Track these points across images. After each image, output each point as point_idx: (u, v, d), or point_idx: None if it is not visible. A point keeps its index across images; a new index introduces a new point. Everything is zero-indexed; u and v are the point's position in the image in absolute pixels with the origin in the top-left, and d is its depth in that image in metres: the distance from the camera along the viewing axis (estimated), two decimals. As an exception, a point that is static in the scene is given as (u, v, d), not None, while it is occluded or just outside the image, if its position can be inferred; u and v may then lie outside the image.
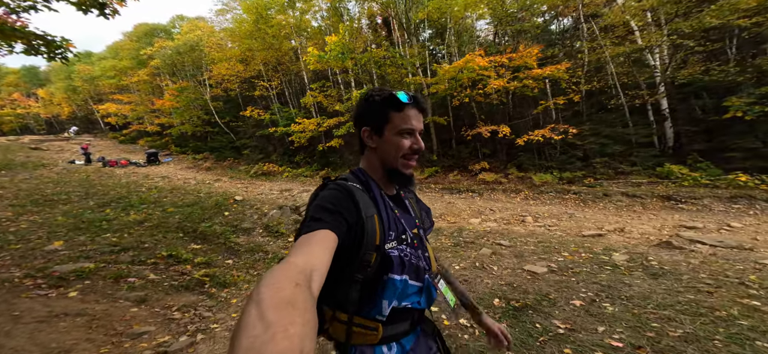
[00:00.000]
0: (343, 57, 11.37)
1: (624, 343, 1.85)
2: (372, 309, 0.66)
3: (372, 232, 0.64)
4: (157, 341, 2.21)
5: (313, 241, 0.52)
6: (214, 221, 5.63)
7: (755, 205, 6.31)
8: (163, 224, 4.94)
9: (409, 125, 0.70)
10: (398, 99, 0.69)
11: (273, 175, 14.79)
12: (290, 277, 0.36)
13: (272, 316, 0.28)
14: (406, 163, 0.73)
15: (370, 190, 0.71)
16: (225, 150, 18.23)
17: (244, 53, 15.06)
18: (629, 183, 8.33)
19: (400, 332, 0.71)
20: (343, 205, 0.62)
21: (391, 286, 0.66)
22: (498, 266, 3.51)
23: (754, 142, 7.18)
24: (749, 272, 2.87)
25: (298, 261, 0.45)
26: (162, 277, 3.44)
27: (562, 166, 9.69)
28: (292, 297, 0.32)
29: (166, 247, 4.14)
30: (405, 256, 0.68)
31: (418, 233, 0.76)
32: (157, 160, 16.75)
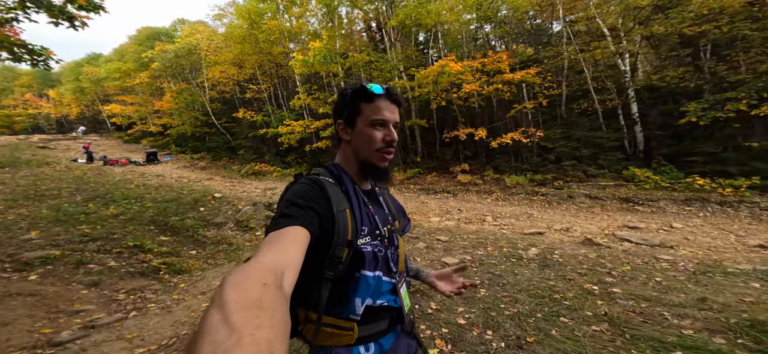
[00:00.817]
0: (329, 61, 11.80)
1: (466, 321, 2.20)
2: (345, 308, 0.64)
3: (344, 227, 0.62)
4: (91, 318, 2.63)
5: (284, 238, 0.50)
6: (187, 216, 6.10)
7: (707, 207, 6.50)
8: (137, 218, 5.42)
9: (380, 115, 0.68)
10: (368, 90, 0.68)
11: (264, 175, 15.33)
12: (258, 277, 0.34)
13: (237, 320, 0.27)
14: (381, 155, 0.70)
15: (343, 183, 0.69)
16: (221, 150, 18.89)
17: (238, 57, 15.66)
18: (595, 185, 8.54)
19: (378, 332, 0.68)
20: (314, 199, 0.61)
21: (363, 283, 0.64)
22: (421, 257, 3.86)
23: (714, 147, 7.33)
24: (627, 264, 3.16)
25: (267, 259, 0.43)
26: (121, 264, 3.89)
27: (535, 169, 9.94)
28: (259, 298, 0.31)
29: (133, 238, 4.60)
30: (378, 252, 0.67)
31: (390, 230, 0.74)
32: (156, 160, 17.47)
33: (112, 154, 19.08)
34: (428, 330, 2.10)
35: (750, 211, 6.07)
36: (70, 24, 4.24)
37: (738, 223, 5.75)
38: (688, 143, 7.92)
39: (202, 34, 18.59)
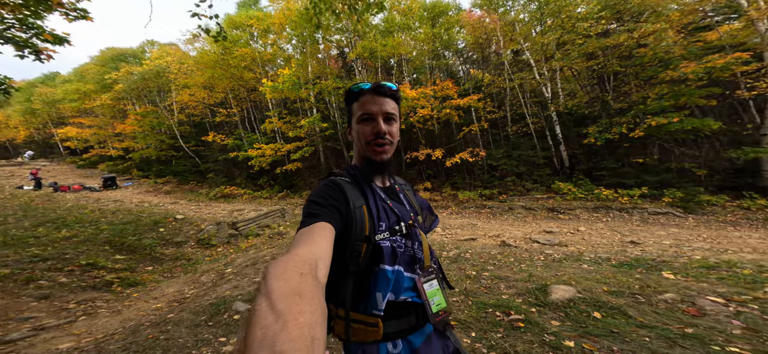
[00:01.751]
0: (298, 87, 12.62)
1: None
2: (368, 304, 0.65)
3: (360, 222, 0.64)
4: (41, 323, 2.93)
5: (313, 233, 0.53)
6: (145, 236, 6.25)
7: (609, 213, 7.90)
8: (92, 239, 5.53)
9: (365, 110, 0.70)
10: (352, 89, 0.71)
11: (234, 197, 15.26)
12: (295, 268, 0.37)
13: (282, 306, 0.29)
14: (374, 149, 0.71)
15: (359, 182, 0.72)
16: (188, 174, 18.49)
17: (208, 81, 16.02)
18: (531, 198, 9.84)
19: (405, 329, 0.67)
20: (334, 197, 0.64)
21: (383, 277, 0.64)
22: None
23: (615, 163, 8.98)
24: (513, 258, 4.06)
25: (301, 251, 0.46)
26: (73, 280, 4.09)
27: (485, 185, 11.17)
28: (298, 286, 0.33)
29: (86, 257, 4.76)
30: (398, 247, 0.67)
31: (413, 225, 0.74)
32: (114, 185, 16.68)
33: (64, 180, 17.89)
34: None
35: (640, 216, 7.51)
36: (36, 57, 4.63)
37: (629, 226, 7.10)
38: (598, 160, 9.57)
39: (172, 56, 18.73)
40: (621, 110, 8.69)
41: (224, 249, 6.31)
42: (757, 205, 6.98)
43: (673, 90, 7.49)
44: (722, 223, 6.62)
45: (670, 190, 7.71)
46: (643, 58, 8.22)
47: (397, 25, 12.29)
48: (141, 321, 2.81)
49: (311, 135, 14.47)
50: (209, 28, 3.75)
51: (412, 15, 12.70)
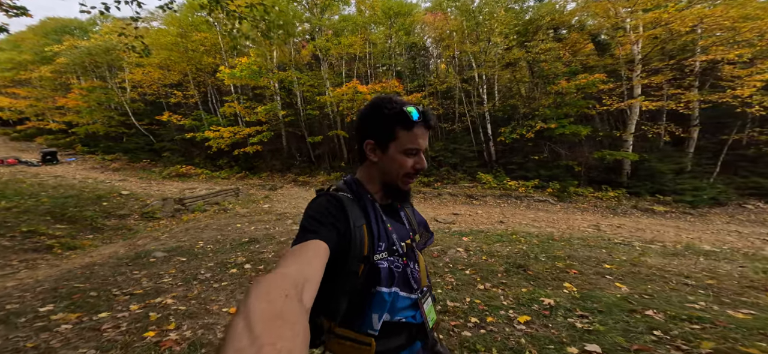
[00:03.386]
0: (258, 75, 12.97)
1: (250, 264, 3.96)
2: (362, 323, 0.64)
3: (360, 242, 0.63)
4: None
5: (305, 251, 0.53)
6: (87, 209, 6.75)
7: (508, 200, 9.76)
8: (32, 210, 6.00)
9: (415, 145, 0.67)
10: (408, 116, 0.65)
11: (189, 177, 15.38)
12: (281, 288, 0.36)
13: (260, 329, 0.28)
14: (408, 180, 0.70)
15: (361, 199, 0.69)
16: (141, 152, 17.97)
17: (164, 61, 15.58)
18: (459, 186, 11.52)
19: (395, 347, 0.68)
20: (334, 215, 0.62)
21: (379, 299, 0.64)
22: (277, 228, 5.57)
23: (521, 159, 10.87)
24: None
25: (290, 271, 0.45)
26: (15, 244, 4.71)
27: (426, 173, 12.67)
28: (281, 309, 0.32)
29: (27, 225, 5.31)
30: (395, 268, 0.67)
31: (411, 244, 0.73)
32: (55, 160, 15.86)
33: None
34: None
35: (527, 202, 9.42)
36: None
37: (517, 210, 8.93)
38: (512, 156, 11.44)
39: (126, 33, 17.67)
40: (526, 115, 10.52)
41: (167, 222, 7.02)
42: (607, 196, 9.16)
43: (557, 101, 9.32)
44: (576, 209, 8.67)
45: (553, 183, 9.69)
46: (542, 72, 10.00)
47: (355, 24, 13.04)
48: (74, 268, 3.66)
49: (272, 120, 14.93)
50: (134, 46, 4.40)
51: (375, 12, 13.48)
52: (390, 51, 13.91)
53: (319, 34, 14.05)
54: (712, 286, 2.48)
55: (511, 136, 10.43)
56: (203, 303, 2.34)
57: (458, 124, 13.70)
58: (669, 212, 8.42)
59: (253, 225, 5.68)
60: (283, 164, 16.00)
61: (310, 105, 14.20)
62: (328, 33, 13.03)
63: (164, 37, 15.21)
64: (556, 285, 2.55)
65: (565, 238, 4.57)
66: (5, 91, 21.50)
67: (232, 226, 5.56)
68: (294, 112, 14.69)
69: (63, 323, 2.06)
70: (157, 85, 17.21)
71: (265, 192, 11.64)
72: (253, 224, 5.75)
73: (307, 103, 14.72)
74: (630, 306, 2.11)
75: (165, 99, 17.71)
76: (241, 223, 5.83)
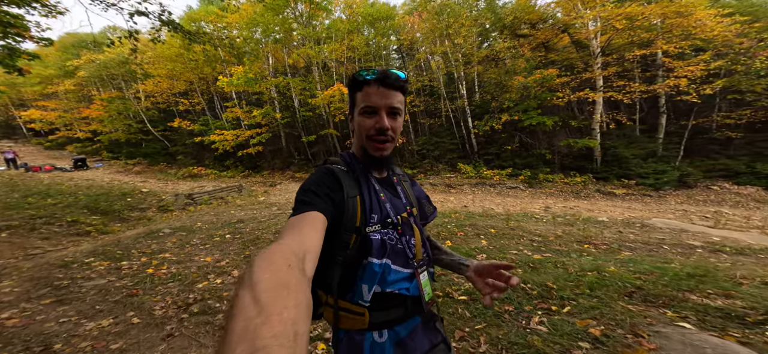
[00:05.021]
0: (253, 82, 14.22)
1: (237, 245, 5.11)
2: (353, 293, 0.65)
3: (352, 213, 0.63)
4: (45, 250, 4.99)
5: (304, 223, 0.53)
6: (115, 203, 8.17)
7: (483, 188, 10.57)
8: (73, 205, 7.45)
9: (369, 102, 0.65)
10: (356, 78, 0.66)
11: (201, 177, 17.00)
12: (283, 259, 0.36)
13: (266, 299, 0.29)
14: (374, 144, 0.68)
15: (355, 171, 0.70)
16: (158, 156, 19.79)
17: (171, 72, 17.13)
18: (440, 177, 12.40)
19: (392, 319, 0.68)
20: (328, 186, 0.63)
21: (369, 270, 0.64)
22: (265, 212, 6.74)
23: (497, 149, 11.60)
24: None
25: (291, 242, 0.45)
26: (63, 230, 6.10)
27: (412, 165, 13.61)
28: (285, 279, 0.33)
29: (71, 216, 6.73)
30: (388, 240, 0.66)
31: (406, 218, 0.72)
32: (84, 166, 17.82)
33: (33, 160, 18.72)
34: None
35: (500, 189, 10.21)
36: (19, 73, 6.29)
37: (488, 196, 9.76)
38: (489, 147, 12.18)
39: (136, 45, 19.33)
40: (495, 108, 11.26)
41: (179, 213, 8.36)
42: (575, 181, 9.82)
43: (522, 94, 10.00)
44: (543, 194, 9.41)
45: (525, 171, 10.42)
46: (505, 68, 10.67)
47: (339, 31, 14.00)
48: (106, 242, 4.94)
49: (271, 122, 16.21)
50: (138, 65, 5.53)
51: (356, 18, 14.39)
52: (374, 54, 14.81)
53: (308, 42, 15.11)
54: (546, 240, 3.40)
55: (483, 129, 11.19)
56: (188, 256, 3.49)
57: (438, 119, 14.51)
58: (628, 194, 9.03)
59: (244, 212, 6.89)
60: (283, 163, 17.34)
61: (304, 107, 15.34)
62: (309, 42, 14.07)
63: (169, 50, 16.70)
64: (442, 240, 3.53)
65: (492, 214, 5.48)
66: (36, 105, 23.90)
67: (227, 213, 6.79)
68: (290, 114, 15.90)
69: (98, 266, 3.25)
70: (166, 94, 18.86)
71: (265, 188, 12.96)
72: (245, 211, 6.96)
73: (302, 105, 15.89)
74: (472, 250, 3.08)
75: (175, 107, 19.38)
76: (235, 211, 7.06)
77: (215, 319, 2.05)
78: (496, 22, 10.67)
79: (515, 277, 0.70)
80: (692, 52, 8.42)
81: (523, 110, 10.30)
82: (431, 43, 12.96)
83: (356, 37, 14.13)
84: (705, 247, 3.23)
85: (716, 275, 2.22)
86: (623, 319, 1.73)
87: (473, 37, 11.19)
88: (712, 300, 1.90)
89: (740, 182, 9.18)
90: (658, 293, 2.00)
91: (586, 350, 1.51)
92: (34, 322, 2.16)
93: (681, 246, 3.27)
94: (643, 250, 3.15)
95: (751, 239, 3.70)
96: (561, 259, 2.81)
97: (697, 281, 2.15)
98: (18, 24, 6.10)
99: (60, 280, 2.91)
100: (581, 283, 2.24)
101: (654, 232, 3.94)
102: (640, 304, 1.92)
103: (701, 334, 1.53)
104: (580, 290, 2.12)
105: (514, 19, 10.12)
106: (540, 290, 2.15)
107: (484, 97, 12.54)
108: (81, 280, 2.91)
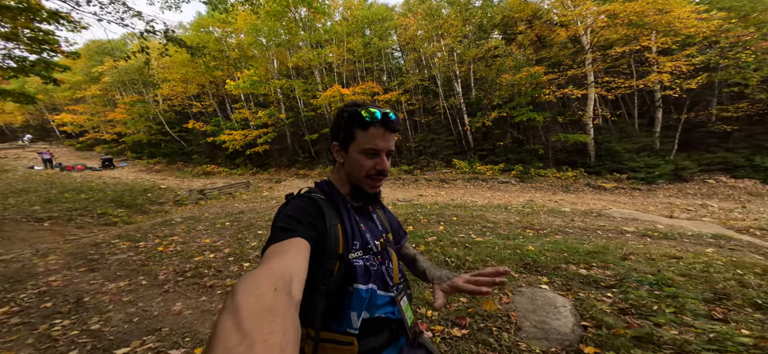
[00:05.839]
0: (258, 85, 15.08)
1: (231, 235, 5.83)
2: (341, 323, 0.64)
3: (334, 241, 0.63)
4: (79, 236, 5.90)
5: (288, 248, 0.52)
6: (138, 198, 9.18)
7: (475, 183, 10.89)
8: (102, 199, 8.48)
9: (372, 145, 0.67)
10: (362, 117, 0.66)
11: (213, 174, 18.19)
12: (268, 283, 0.35)
13: (250, 326, 0.27)
14: (371, 183, 0.71)
15: (334, 200, 0.71)
16: (176, 155, 21.23)
17: (184, 76, 18.32)
18: (437, 173, 12.79)
19: (379, 345, 0.69)
20: (311, 214, 0.63)
21: (356, 297, 0.64)
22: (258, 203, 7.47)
23: (490, 145, 11.84)
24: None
25: (276, 266, 0.44)
26: (94, 221, 7.07)
27: (409, 162, 14.08)
28: (271, 304, 0.31)
29: (101, 209, 7.72)
30: (371, 266, 0.68)
31: (384, 244, 0.74)
32: (111, 165, 19.44)
33: (66, 161, 20.58)
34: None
35: (491, 184, 10.50)
36: (54, 84, 7.27)
37: (479, 190, 10.10)
38: (485, 143, 12.43)
39: (151, 51, 20.78)
40: (486, 106, 11.49)
41: (191, 206, 9.28)
42: (566, 176, 9.98)
43: (512, 92, 10.20)
44: (532, 188, 9.65)
45: (517, 166, 10.66)
46: (495, 67, 10.86)
47: (337, 34, 14.57)
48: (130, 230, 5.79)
49: (277, 122, 17.08)
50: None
51: (355, 20, 14.90)
52: (371, 55, 15.28)
53: (306, 46, 15.79)
54: (496, 226, 3.85)
55: (475, 125, 11.47)
56: (192, 239, 4.20)
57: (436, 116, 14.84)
58: (618, 188, 9.13)
59: (247, 205, 7.65)
60: (289, 160, 18.23)
61: (307, 107, 16.08)
62: (307, 46, 14.72)
63: (180, 56, 17.84)
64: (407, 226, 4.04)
65: (467, 206, 5.92)
66: (67, 109, 26.04)
67: (231, 206, 7.57)
68: (294, 114, 16.69)
69: (121, 245, 4.02)
70: (181, 97, 20.15)
71: (271, 184, 13.83)
72: (247, 204, 7.72)
73: (305, 105, 16.64)
74: (427, 233, 3.59)
75: (189, 109, 20.68)
76: (239, 204, 7.84)
77: (202, 281, 2.71)
78: (488, 21, 10.87)
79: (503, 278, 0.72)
80: (679, 47, 8.37)
81: (514, 107, 10.51)
82: (425, 42, 13.29)
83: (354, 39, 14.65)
84: (636, 232, 3.59)
85: (608, 253, 2.64)
86: (506, 282, 2.22)
87: (462, 37, 11.45)
88: (586, 270, 2.35)
89: (738, 175, 9.07)
90: (547, 265, 2.46)
91: (462, 302, 2.02)
92: (71, 283, 2.88)
93: (614, 231, 3.64)
94: (576, 234, 3.56)
95: (693, 227, 4.01)
96: (498, 241, 3.28)
97: (590, 257, 2.58)
98: (50, 40, 7.07)
99: (92, 255, 3.67)
100: (495, 257, 2.72)
101: (603, 220, 4.29)
102: (527, 273, 2.39)
103: (547, 293, 2.01)
104: (489, 262, 2.61)
105: (504, 17, 10.27)
106: (457, 262, 2.66)
107: (479, 94, 12.78)
108: (108, 255, 3.66)
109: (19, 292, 2.64)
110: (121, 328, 2.01)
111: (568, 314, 1.70)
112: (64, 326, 2.05)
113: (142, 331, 1.97)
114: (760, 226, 4.36)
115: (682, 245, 3.13)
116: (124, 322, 2.09)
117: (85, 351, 1.78)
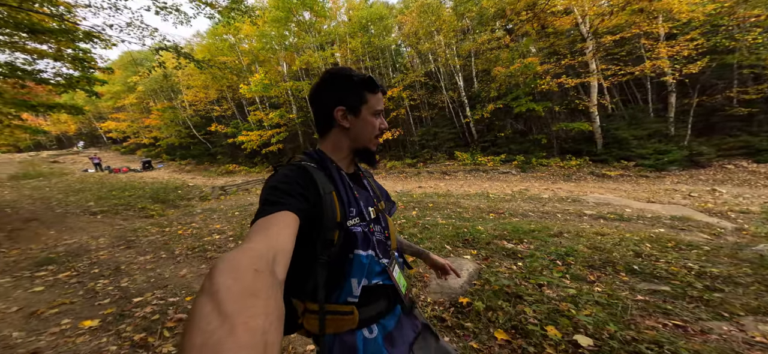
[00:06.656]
0: (269, 88, 16.12)
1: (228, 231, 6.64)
2: (342, 292, 0.63)
3: (331, 209, 0.61)
4: (123, 226, 7.05)
5: (273, 224, 0.49)
6: (170, 194, 10.49)
7: (476, 174, 11.00)
8: (142, 196, 9.84)
9: (381, 106, 0.72)
10: (374, 81, 0.70)
11: (234, 173, 19.76)
12: (249, 263, 0.33)
13: (230, 308, 0.26)
14: (377, 141, 0.75)
15: (327, 168, 0.69)
16: (203, 156, 23.23)
17: (204, 82, 19.93)
18: (439, 165, 13.00)
19: (378, 312, 0.68)
20: (301, 183, 0.60)
21: (357, 263, 0.63)
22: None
23: (492, 137, 11.82)
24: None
25: (257, 245, 0.42)
26: (136, 214, 8.31)
27: (412, 155, 14.42)
28: (252, 285, 0.30)
29: (141, 204, 9.02)
30: (369, 232, 0.68)
31: (378, 210, 0.75)
32: (150, 167, 21.74)
33: (113, 164, 23.32)
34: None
35: (492, 174, 10.58)
36: (96, 96, 8.53)
37: (478, 181, 10.25)
38: (488, 134, 12.43)
39: (167, 63, 22.83)
40: (484, 98, 11.46)
41: (213, 201, 10.44)
42: (569, 165, 9.81)
43: (510, 83, 10.13)
44: (532, 178, 9.62)
45: (518, 156, 10.61)
46: (489, 60, 10.76)
47: (337, 35, 15.13)
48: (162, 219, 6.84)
49: (288, 122, 18.14)
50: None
51: (355, 21, 15.36)
52: (373, 53, 15.67)
53: (308, 49, 16.52)
54: (465, 210, 4.23)
55: (474, 118, 11.52)
56: (206, 224, 5.03)
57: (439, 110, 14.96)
58: (623, 176, 8.87)
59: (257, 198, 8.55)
60: (302, 158, 19.36)
61: (315, 106, 17.01)
62: (309, 49, 15.43)
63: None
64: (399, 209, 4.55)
65: (452, 194, 6.26)
66: (111, 117, 29.20)
67: (245, 200, 8.50)
68: (304, 114, 17.61)
69: (152, 230, 4.92)
70: (203, 102, 21.91)
71: (285, 180, 14.90)
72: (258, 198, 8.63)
73: (314, 103, 17.51)
74: (394, 219, 4.08)
75: (211, 113, 22.44)
76: (252, 198, 8.75)
77: (205, 255, 3.43)
78: (483, 14, 10.80)
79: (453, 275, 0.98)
80: (680, 32, 7.87)
81: (514, 98, 10.45)
82: (423, 38, 13.44)
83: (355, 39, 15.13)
84: (594, 215, 3.82)
85: (543, 231, 2.98)
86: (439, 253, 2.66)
87: (459, 31, 11.47)
88: (514, 245, 2.73)
89: (761, 160, 8.45)
90: (482, 240, 2.85)
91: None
92: (113, 257, 3.74)
93: (573, 215, 3.89)
94: (536, 217, 3.85)
95: (663, 211, 4.12)
96: (458, 223, 3.68)
97: (525, 234, 2.94)
98: (88, 58, 8.30)
99: (130, 238, 4.59)
100: (445, 235, 3.15)
101: (573, 205, 4.49)
102: (462, 247, 2.81)
103: (463, 261, 2.43)
104: (437, 239, 3.05)
105: (498, 10, 10.15)
106: (408, 237, 3.13)
107: (481, 87, 12.75)
108: (141, 237, 4.55)
109: (77, 263, 3.53)
110: (142, 286, 2.75)
111: (466, 276, 2.13)
112: (104, 284, 2.83)
113: (154, 286, 2.70)
114: (744, 210, 4.32)
115: (631, 226, 3.35)
116: (145, 282, 2.83)
117: (114, 298, 2.52)
